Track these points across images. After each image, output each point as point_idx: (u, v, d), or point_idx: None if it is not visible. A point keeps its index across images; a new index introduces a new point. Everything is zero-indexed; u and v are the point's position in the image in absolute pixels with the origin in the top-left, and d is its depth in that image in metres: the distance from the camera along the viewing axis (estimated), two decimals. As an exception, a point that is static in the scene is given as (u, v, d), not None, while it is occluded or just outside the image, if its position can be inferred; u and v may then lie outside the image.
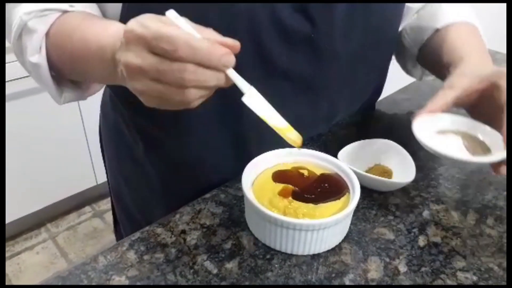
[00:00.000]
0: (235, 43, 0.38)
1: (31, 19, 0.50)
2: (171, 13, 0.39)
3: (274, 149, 0.56)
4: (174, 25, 0.37)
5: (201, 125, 0.59)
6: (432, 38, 0.69)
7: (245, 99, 0.41)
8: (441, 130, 0.56)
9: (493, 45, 1.15)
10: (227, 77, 0.39)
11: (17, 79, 1.41)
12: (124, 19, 0.52)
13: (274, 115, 0.43)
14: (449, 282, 0.47)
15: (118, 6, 0.53)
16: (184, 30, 0.37)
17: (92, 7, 0.54)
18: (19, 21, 0.50)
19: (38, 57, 0.51)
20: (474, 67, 0.57)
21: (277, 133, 0.44)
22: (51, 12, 0.50)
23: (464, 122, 0.57)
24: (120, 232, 0.87)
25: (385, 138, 0.64)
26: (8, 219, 1.65)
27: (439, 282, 0.47)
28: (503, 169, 0.51)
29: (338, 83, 0.61)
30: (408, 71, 0.80)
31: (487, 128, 0.55)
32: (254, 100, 0.42)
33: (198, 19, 0.39)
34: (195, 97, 0.38)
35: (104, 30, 0.46)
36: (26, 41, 0.51)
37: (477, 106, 0.57)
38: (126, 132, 0.68)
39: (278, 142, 0.58)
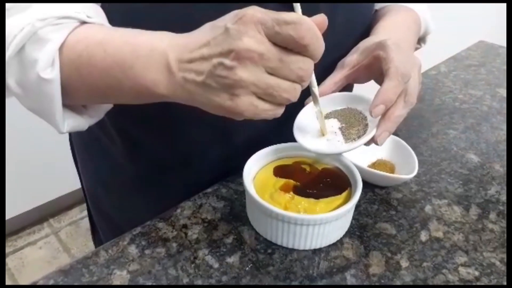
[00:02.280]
0: (324, 19, 0.36)
1: (44, 26, 0.41)
2: None
3: (260, 147, 0.55)
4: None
5: (187, 123, 0.56)
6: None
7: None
8: (328, 113, 0.54)
9: (497, 39, 1.15)
10: None
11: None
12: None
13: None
14: (450, 277, 0.47)
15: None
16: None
17: (105, 20, 0.48)
18: (30, 28, 0.40)
19: (51, 72, 0.41)
20: (367, 43, 0.55)
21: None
22: (69, 21, 0.42)
23: (350, 98, 0.55)
24: (99, 239, 0.83)
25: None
26: (11, 214, 1.65)
27: (440, 277, 0.47)
28: (377, 140, 0.48)
29: (325, 73, 0.60)
30: None
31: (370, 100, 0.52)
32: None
33: (186, 13, 0.38)
34: (298, 94, 0.36)
35: (155, 35, 0.41)
36: (33, 52, 0.41)
37: (369, 79, 0.56)
38: (101, 134, 0.64)
39: (263, 142, 0.56)
